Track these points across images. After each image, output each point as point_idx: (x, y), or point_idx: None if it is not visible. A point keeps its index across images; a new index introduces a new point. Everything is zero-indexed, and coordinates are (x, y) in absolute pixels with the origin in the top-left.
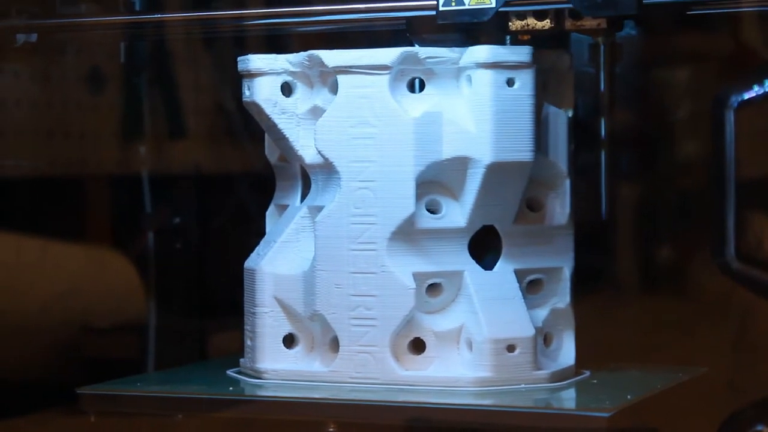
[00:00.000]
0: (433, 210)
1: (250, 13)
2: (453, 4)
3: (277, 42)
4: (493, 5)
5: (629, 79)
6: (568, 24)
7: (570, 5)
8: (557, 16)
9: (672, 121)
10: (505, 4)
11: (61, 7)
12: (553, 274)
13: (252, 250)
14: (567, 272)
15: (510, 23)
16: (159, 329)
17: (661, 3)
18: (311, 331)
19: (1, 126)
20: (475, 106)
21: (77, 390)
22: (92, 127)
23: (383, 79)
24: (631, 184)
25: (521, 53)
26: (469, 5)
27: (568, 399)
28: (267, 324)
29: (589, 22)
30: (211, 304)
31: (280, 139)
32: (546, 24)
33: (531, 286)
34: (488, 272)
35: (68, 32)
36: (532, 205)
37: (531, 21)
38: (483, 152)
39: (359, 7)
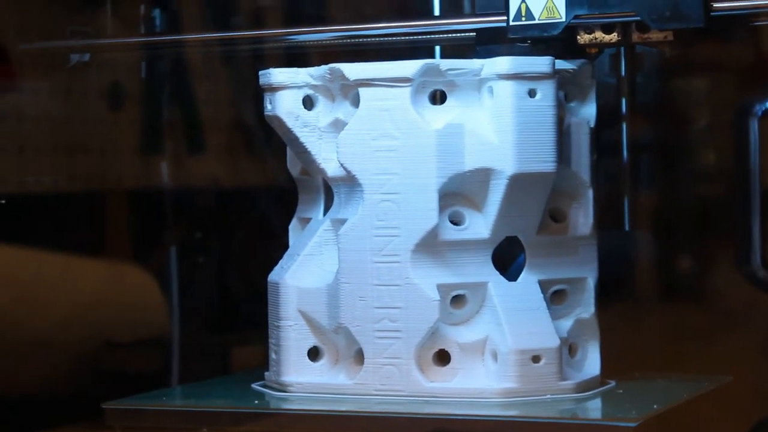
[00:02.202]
0: (456, 222)
1: (282, 31)
2: (523, 18)
3: (298, 57)
4: (563, 19)
5: (651, 89)
6: (635, 37)
7: (638, 18)
8: (624, 29)
9: (694, 131)
10: (573, 18)
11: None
12: (577, 285)
13: (275, 263)
14: (591, 282)
15: (578, 37)
16: (182, 343)
17: (728, 15)
18: (336, 343)
19: (22, 142)
20: (496, 117)
21: (102, 405)
22: (114, 143)
23: (405, 92)
24: (653, 193)
25: (542, 64)
26: (539, 19)
27: (594, 409)
28: (291, 337)
29: (656, 35)
30: (235, 317)
31: (302, 152)
32: (613, 37)
33: (555, 297)
34: (512, 283)
35: (91, 51)
36: (555, 216)
37: (599, 34)
38: (505, 163)
39: (429, 23)
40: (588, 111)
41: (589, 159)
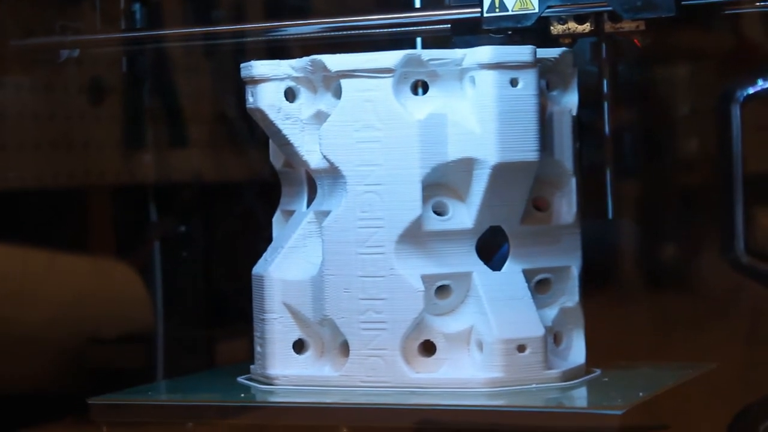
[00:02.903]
0: (439, 212)
1: (269, 25)
2: (497, 9)
3: (280, 50)
4: (536, 10)
5: (633, 76)
6: (608, 27)
7: (610, 8)
8: (597, 19)
9: (677, 118)
10: (547, 9)
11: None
12: (561, 273)
13: (259, 256)
14: (575, 271)
15: (551, 27)
16: (167, 338)
17: (698, 4)
18: (321, 336)
19: (5, 138)
20: (479, 107)
21: (88, 400)
22: (97, 138)
23: (387, 82)
24: (636, 181)
25: (524, 53)
26: (512, 11)
27: (579, 398)
28: (276, 330)
29: (628, 25)
30: (220, 311)
31: (285, 144)
32: (586, 27)
33: (539, 286)
34: (496, 273)
35: (75, 47)
36: (538, 205)
37: (572, 25)
38: (488, 153)
39: (408, 15)
40: (570, 99)
41: (571, 147)
